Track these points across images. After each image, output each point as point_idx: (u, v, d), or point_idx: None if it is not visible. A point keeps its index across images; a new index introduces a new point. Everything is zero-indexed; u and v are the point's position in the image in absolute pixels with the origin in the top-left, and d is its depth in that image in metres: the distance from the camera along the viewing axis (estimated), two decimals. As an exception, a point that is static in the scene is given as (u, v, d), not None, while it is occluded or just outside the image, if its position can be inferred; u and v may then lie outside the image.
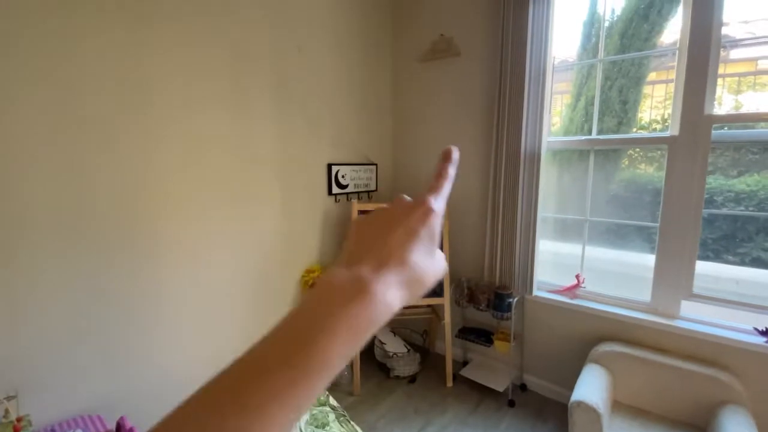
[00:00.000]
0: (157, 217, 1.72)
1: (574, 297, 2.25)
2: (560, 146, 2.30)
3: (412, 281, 0.29)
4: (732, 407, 1.64)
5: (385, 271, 0.28)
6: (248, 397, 0.22)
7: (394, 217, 0.31)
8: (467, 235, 2.66)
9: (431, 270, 0.31)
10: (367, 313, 0.26)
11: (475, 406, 2.31)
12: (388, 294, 0.27)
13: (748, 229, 1.97)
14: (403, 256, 0.29)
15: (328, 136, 2.48)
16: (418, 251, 0.30)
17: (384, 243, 0.29)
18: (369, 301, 0.26)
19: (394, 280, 0.28)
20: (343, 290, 0.26)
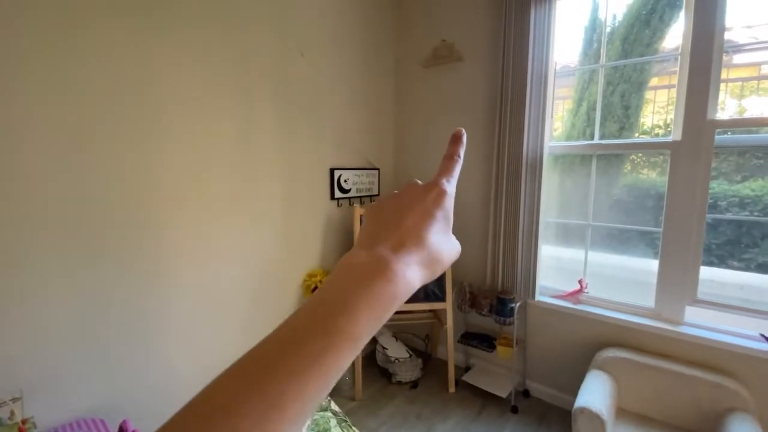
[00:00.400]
0: (162, 220, 1.73)
1: (577, 302, 2.24)
2: (562, 151, 2.30)
3: (431, 260, 0.30)
4: (738, 415, 1.62)
5: (404, 251, 0.29)
6: (281, 366, 0.23)
7: (408, 200, 0.32)
8: (469, 239, 2.66)
9: (448, 249, 0.32)
10: (389, 290, 0.26)
11: (478, 413, 2.29)
12: (408, 272, 0.28)
13: (753, 234, 1.95)
14: (420, 237, 0.30)
15: (331, 141, 2.49)
16: (434, 232, 0.31)
17: (401, 224, 0.30)
18: (390, 278, 0.27)
19: (413, 260, 0.29)
20: (364, 269, 0.27)
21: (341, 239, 2.64)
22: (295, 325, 0.25)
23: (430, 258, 0.30)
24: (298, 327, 0.25)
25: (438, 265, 0.31)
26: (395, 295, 0.27)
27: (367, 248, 0.29)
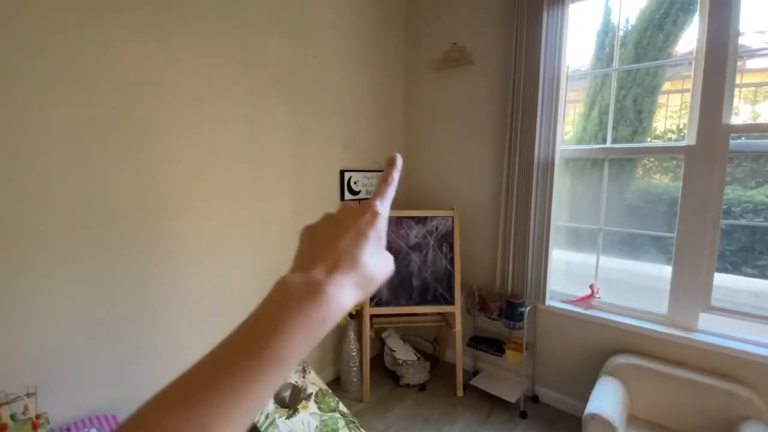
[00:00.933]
0: (171, 220, 1.75)
1: (588, 307, 2.22)
2: (574, 155, 2.29)
3: (364, 280, 0.31)
4: (751, 423, 1.59)
5: (338, 273, 0.29)
6: (211, 391, 0.23)
7: (342, 221, 0.33)
8: (479, 243, 2.65)
9: (381, 269, 0.33)
10: (320, 312, 0.27)
11: (486, 417, 2.28)
12: (341, 294, 0.29)
13: (767, 240, 1.93)
14: (354, 258, 0.31)
15: (342, 143, 2.50)
16: (367, 252, 0.31)
17: (335, 246, 0.31)
18: (322, 301, 0.27)
19: (346, 281, 0.29)
20: (298, 292, 0.28)
21: (350, 241, 2.65)
22: (227, 346, 0.26)
23: (363, 278, 0.31)
24: (230, 349, 0.26)
25: (372, 284, 0.32)
26: (326, 318, 0.28)
27: (303, 270, 0.30)
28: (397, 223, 2.49)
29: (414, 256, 2.49)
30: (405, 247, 2.49)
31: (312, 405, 1.97)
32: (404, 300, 2.46)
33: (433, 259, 2.50)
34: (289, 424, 1.82)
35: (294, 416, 1.87)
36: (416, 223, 2.51)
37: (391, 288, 2.46)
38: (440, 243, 2.50)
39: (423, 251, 2.50)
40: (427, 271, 2.49)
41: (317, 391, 2.06)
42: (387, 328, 2.83)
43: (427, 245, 2.50)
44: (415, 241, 2.50)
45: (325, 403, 2.00)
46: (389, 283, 2.46)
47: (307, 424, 1.86)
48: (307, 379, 2.12)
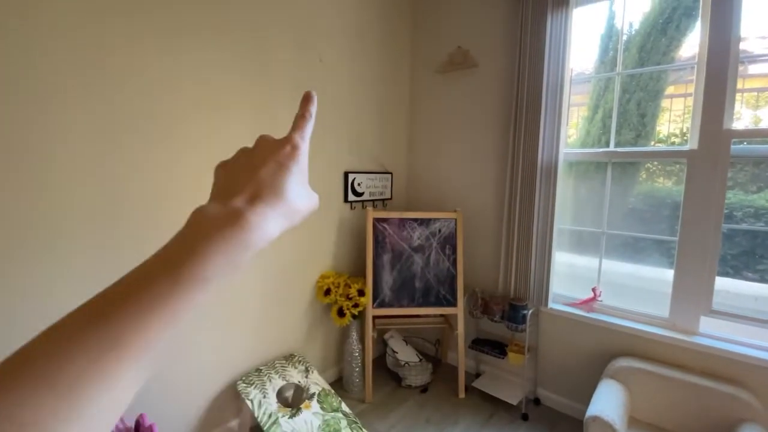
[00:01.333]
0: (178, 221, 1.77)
1: (591, 310, 2.23)
2: (577, 158, 2.31)
3: (289, 211, 0.31)
4: (750, 426, 1.60)
5: (260, 202, 0.29)
6: (122, 307, 0.23)
7: (261, 153, 0.32)
8: (482, 245, 2.67)
9: (305, 202, 0.33)
10: (242, 236, 0.27)
11: (488, 419, 2.29)
12: (264, 223, 0.28)
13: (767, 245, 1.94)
14: (276, 188, 0.30)
15: (346, 145, 2.52)
16: (290, 184, 0.31)
17: (254, 177, 0.30)
18: (243, 226, 0.27)
19: (269, 211, 0.29)
20: (217, 220, 0.27)
21: (354, 241, 2.66)
22: (142, 269, 0.25)
23: (287, 209, 0.31)
24: (145, 271, 0.25)
25: (297, 215, 0.32)
26: (248, 243, 0.27)
27: (221, 201, 0.29)
28: (400, 224, 2.51)
29: (417, 258, 2.50)
30: (408, 249, 2.50)
31: (315, 405, 1.98)
32: (407, 301, 2.47)
33: (436, 261, 2.51)
34: (292, 424, 1.83)
35: (297, 416, 1.89)
36: (419, 225, 2.52)
37: (393, 289, 2.47)
38: (443, 245, 2.52)
39: (426, 253, 2.51)
40: (430, 272, 2.50)
41: (320, 391, 2.07)
42: (389, 330, 2.84)
43: (430, 247, 2.52)
44: (418, 242, 2.51)
45: (328, 403, 2.02)
46: (392, 285, 2.47)
47: (310, 423, 1.87)
48: (309, 379, 2.13)
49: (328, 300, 2.36)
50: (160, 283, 0.24)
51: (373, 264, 2.45)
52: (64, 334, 0.22)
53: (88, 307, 0.24)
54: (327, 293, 2.37)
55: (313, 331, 2.48)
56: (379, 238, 2.48)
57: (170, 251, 0.26)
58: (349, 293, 2.34)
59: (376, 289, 2.45)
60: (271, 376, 2.08)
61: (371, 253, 2.44)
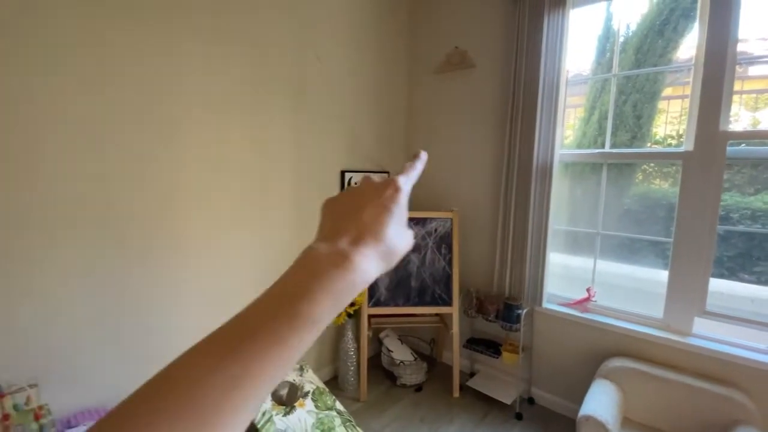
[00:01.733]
0: (178, 219, 1.78)
1: (585, 311, 2.23)
2: (573, 159, 2.31)
3: (387, 253, 0.32)
4: (744, 428, 1.61)
5: (362, 244, 0.30)
6: (244, 347, 0.24)
7: (365, 194, 0.34)
8: (477, 245, 2.67)
9: (403, 243, 0.34)
10: (348, 278, 0.28)
11: (482, 418, 2.29)
12: (365, 263, 0.30)
13: (765, 247, 1.94)
14: (377, 230, 0.31)
15: (343, 143, 2.53)
16: (390, 226, 0.32)
17: (359, 218, 0.32)
18: (348, 268, 0.28)
19: (370, 252, 0.30)
20: (325, 260, 0.29)
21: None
22: (259, 308, 0.27)
23: (386, 250, 0.32)
24: (262, 310, 0.26)
25: (394, 257, 0.33)
26: (354, 284, 0.29)
27: (328, 241, 0.30)
28: (396, 224, 2.51)
29: (413, 257, 2.51)
30: (404, 248, 2.50)
31: (309, 403, 1.99)
32: (402, 301, 2.48)
33: (432, 261, 2.51)
34: (286, 421, 1.84)
35: (291, 413, 1.89)
36: (415, 224, 2.52)
37: (389, 289, 2.48)
38: (439, 244, 2.52)
39: (422, 252, 2.51)
40: (426, 272, 2.51)
41: (314, 390, 2.08)
42: (385, 328, 2.85)
43: (426, 246, 2.52)
44: (414, 242, 2.51)
45: (322, 401, 2.02)
46: (387, 284, 2.48)
47: (304, 421, 1.88)
48: (304, 378, 2.14)
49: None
50: (279, 321, 0.25)
51: (369, 263, 2.45)
52: (203, 364, 0.24)
53: (219, 340, 0.25)
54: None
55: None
56: (375, 237, 2.48)
57: (286, 288, 0.28)
58: (344, 292, 2.35)
59: (372, 288, 2.46)
60: (265, 373, 2.08)
61: (367, 252, 2.44)
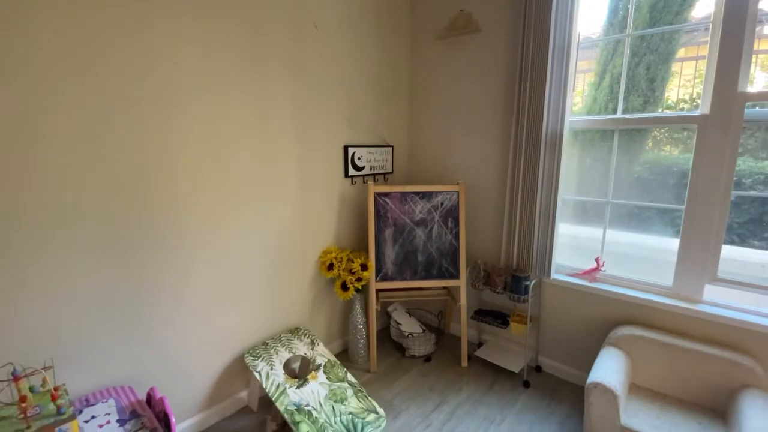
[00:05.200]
0: (181, 200, 1.75)
1: (593, 280, 2.23)
2: (583, 126, 2.24)
3: None
4: (753, 391, 1.62)
5: None
6: None
7: None
8: (484, 217, 2.65)
9: None
10: None
11: (490, 386, 2.34)
12: None
13: (777, 212, 1.91)
14: None
15: (345, 117, 2.46)
16: None
17: None
18: None
19: None
20: None
21: (355, 217, 2.65)
22: None
23: None
24: None
25: None
26: None
27: None
28: (401, 198, 2.48)
29: (419, 232, 2.49)
30: (410, 223, 2.48)
31: (321, 375, 2.03)
32: (409, 275, 2.48)
33: (438, 234, 2.50)
34: (300, 394, 1.88)
35: (304, 386, 1.93)
36: (421, 199, 2.49)
37: (396, 263, 2.48)
38: (445, 218, 2.50)
39: (428, 227, 2.50)
40: (433, 246, 2.50)
41: (326, 363, 2.12)
42: (393, 302, 2.87)
43: (432, 220, 2.50)
44: (420, 216, 2.49)
45: (334, 373, 2.06)
46: (394, 259, 2.48)
47: (317, 393, 1.92)
48: (315, 351, 2.17)
49: (331, 275, 2.37)
50: None
51: (375, 239, 2.44)
52: None
53: None
54: (330, 268, 2.38)
55: (317, 305, 2.50)
56: (381, 212, 2.46)
57: None
58: (352, 268, 2.35)
59: (379, 263, 2.46)
60: (277, 349, 2.12)
61: (373, 228, 2.43)
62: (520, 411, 2.13)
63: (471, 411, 2.13)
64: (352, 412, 1.88)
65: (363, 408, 1.92)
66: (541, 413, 2.11)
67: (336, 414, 1.85)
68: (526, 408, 2.16)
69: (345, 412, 1.87)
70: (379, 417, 1.90)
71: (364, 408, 1.92)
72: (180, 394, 1.89)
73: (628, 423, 1.69)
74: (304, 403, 1.84)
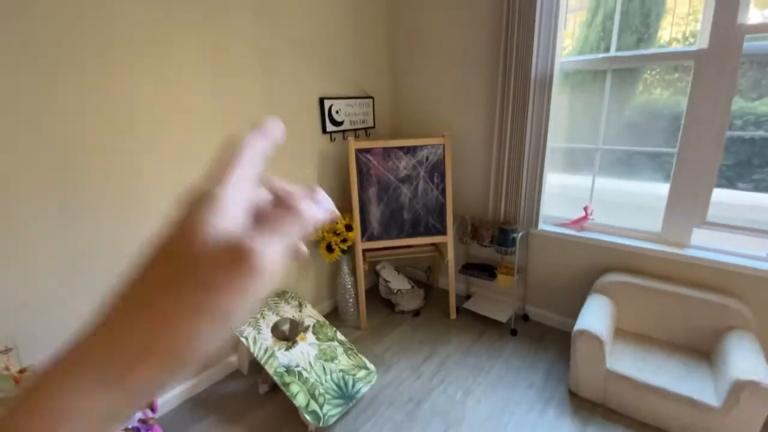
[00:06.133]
0: (135, 163, 1.62)
1: (581, 229, 2.21)
2: (575, 67, 2.10)
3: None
4: (738, 332, 1.66)
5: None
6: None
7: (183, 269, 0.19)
8: (471, 171, 2.56)
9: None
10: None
11: (479, 336, 2.38)
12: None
13: (766, 153, 1.87)
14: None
15: (319, 67, 2.27)
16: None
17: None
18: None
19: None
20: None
21: (337, 176, 2.54)
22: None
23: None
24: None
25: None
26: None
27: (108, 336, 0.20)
28: (384, 154, 2.36)
29: (404, 189, 2.41)
30: (394, 180, 2.39)
31: (310, 336, 2.02)
32: (396, 233, 2.43)
33: (424, 191, 2.42)
34: (289, 355, 1.88)
35: (293, 348, 1.93)
36: (405, 154, 2.38)
37: (382, 222, 2.41)
38: (431, 173, 2.41)
39: (413, 183, 2.41)
40: (419, 203, 2.42)
41: (314, 323, 2.10)
42: (381, 261, 2.85)
43: (418, 176, 2.41)
44: (405, 173, 2.40)
45: (323, 333, 2.06)
46: (379, 218, 2.41)
47: (307, 353, 1.92)
48: (303, 313, 2.16)
49: (315, 237, 2.31)
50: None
51: (359, 198, 2.35)
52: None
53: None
54: (313, 229, 2.30)
55: (303, 268, 2.46)
56: (364, 170, 2.35)
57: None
58: (336, 229, 2.28)
59: (364, 223, 2.39)
60: (264, 313, 2.09)
61: (356, 187, 2.33)
62: (507, 358, 2.18)
63: (460, 361, 2.18)
64: (342, 370, 1.90)
65: (353, 365, 1.93)
66: (529, 359, 2.17)
67: (327, 372, 1.86)
68: (513, 355, 2.21)
69: (336, 370, 1.89)
70: (370, 372, 1.92)
71: (355, 365, 1.93)
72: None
73: (613, 366, 1.73)
74: (293, 365, 1.84)
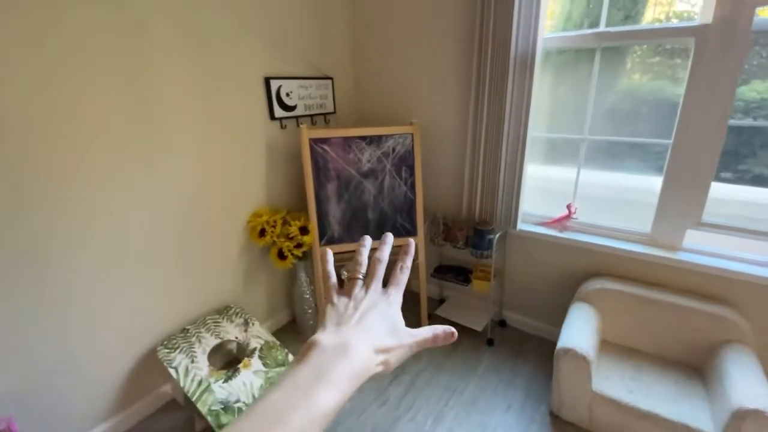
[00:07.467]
0: (56, 168, 1.25)
1: (564, 229, 1.99)
2: (560, 44, 1.83)
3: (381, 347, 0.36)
4: (736, 347, 1.48)
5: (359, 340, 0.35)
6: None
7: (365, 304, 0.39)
8: (443, 163, 2.28)
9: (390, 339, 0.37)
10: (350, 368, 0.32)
11: (453, 348, 2.15)
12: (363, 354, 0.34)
13: (753, 143, 1.70)
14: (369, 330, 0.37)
15: (263, 39, 1.90)
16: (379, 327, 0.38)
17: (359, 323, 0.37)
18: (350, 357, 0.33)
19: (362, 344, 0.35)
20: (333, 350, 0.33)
21: (290, 169, 2.19)
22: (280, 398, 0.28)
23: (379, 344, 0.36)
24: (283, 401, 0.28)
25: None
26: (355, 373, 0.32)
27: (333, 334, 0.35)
28: (344, 145, 2.05)
29: (368, 185, 2.10)
30: (356, 175, 2.08)
31: (256, 361, 1.72)
32: (359, 235, 2.13)
33: (391, 187, 2.13)
34: (228, 388, 1.57)
35: (233, 378, 1.62)
36: (369, 145, 2.07)
37: (343, 223, 2.11)
38: (398, 167, 2.11)
39: (378, 178, 2.11)
40: (385, 200, 2.13)
41: (262, 345, 1.80)
42: (344, 265, 2.55)
43: (383, 170, 2.11)
44: (369, 166, 2.09)
45: (272, 357, 1.76)
46: (340, 218, 2.10)
47: (250, 384, 1.62)
48: (249, 333, 1.84)
49: (264, 242, 1.98)
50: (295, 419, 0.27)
51: (316, 196, 2.03)
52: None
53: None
54: (262, 234, 1.97)
55: (251, 277, 2.13)
56: (320, 163, 2.03)
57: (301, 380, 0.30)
58: (289, 232, 1.96)
59: (322, 224, 2.08)
60: (200, 335, 1.76)
61: (312, 183, 2.01)
62: (483, 374, 1.96)
63: (431, 379, 1.94)
64: (293, 402, 1.61)
65: (307, 395, 1.65)
66: (506, 375, 1.95)
67: (274, 408, 1.57)
68: (489, 370, 1.99)
69: (285, 403, 1.60)
70: (327, 403, 1.65)
71: (309, 395, 1.65)
72: (81, 402, 1.53)
73: (599, 388, 1.53)
74: (233, 400, 1.54)
